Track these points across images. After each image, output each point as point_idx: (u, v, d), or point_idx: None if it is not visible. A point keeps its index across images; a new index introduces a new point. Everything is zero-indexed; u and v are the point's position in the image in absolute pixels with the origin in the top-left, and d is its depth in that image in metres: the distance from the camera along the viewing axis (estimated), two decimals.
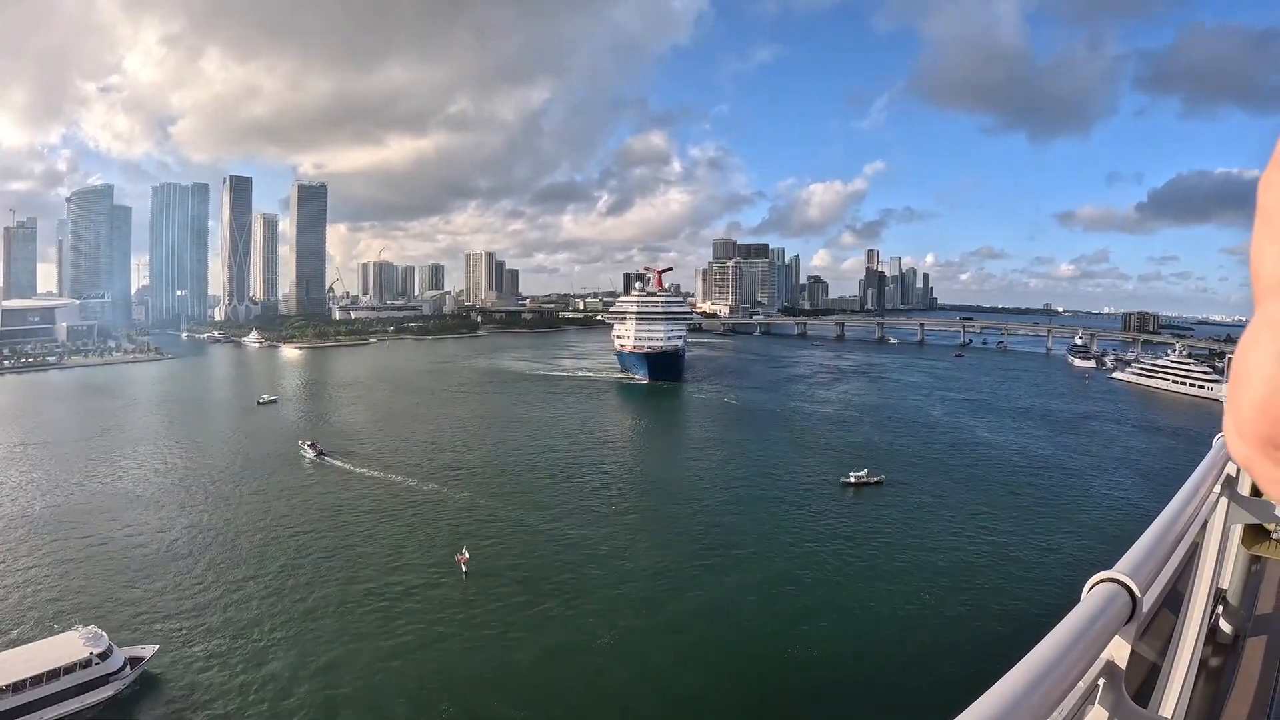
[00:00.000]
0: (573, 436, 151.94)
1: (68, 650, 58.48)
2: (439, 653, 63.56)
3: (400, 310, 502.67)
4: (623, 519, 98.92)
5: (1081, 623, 3.03)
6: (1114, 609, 3.23)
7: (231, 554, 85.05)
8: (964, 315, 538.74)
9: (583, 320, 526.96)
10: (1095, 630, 3.07)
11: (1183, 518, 4.71)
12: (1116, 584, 3.34)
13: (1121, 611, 3.26)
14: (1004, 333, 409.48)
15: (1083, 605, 3.22)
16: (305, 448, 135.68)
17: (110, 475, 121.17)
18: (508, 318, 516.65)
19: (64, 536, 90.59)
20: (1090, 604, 3.22)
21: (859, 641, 66.69)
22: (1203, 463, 6.09)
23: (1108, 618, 3.18)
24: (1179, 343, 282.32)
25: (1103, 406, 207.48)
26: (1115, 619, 3.23)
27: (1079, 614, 3.12)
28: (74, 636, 60.28)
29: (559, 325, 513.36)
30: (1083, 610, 3.16)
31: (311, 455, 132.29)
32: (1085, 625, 3.02)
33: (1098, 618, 3.12)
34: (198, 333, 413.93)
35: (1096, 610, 3.17)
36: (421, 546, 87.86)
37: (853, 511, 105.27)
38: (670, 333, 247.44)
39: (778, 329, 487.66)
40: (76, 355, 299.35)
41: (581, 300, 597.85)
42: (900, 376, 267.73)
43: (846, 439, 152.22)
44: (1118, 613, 3.25)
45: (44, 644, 60.69)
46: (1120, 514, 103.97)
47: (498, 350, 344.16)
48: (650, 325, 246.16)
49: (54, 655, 58.06)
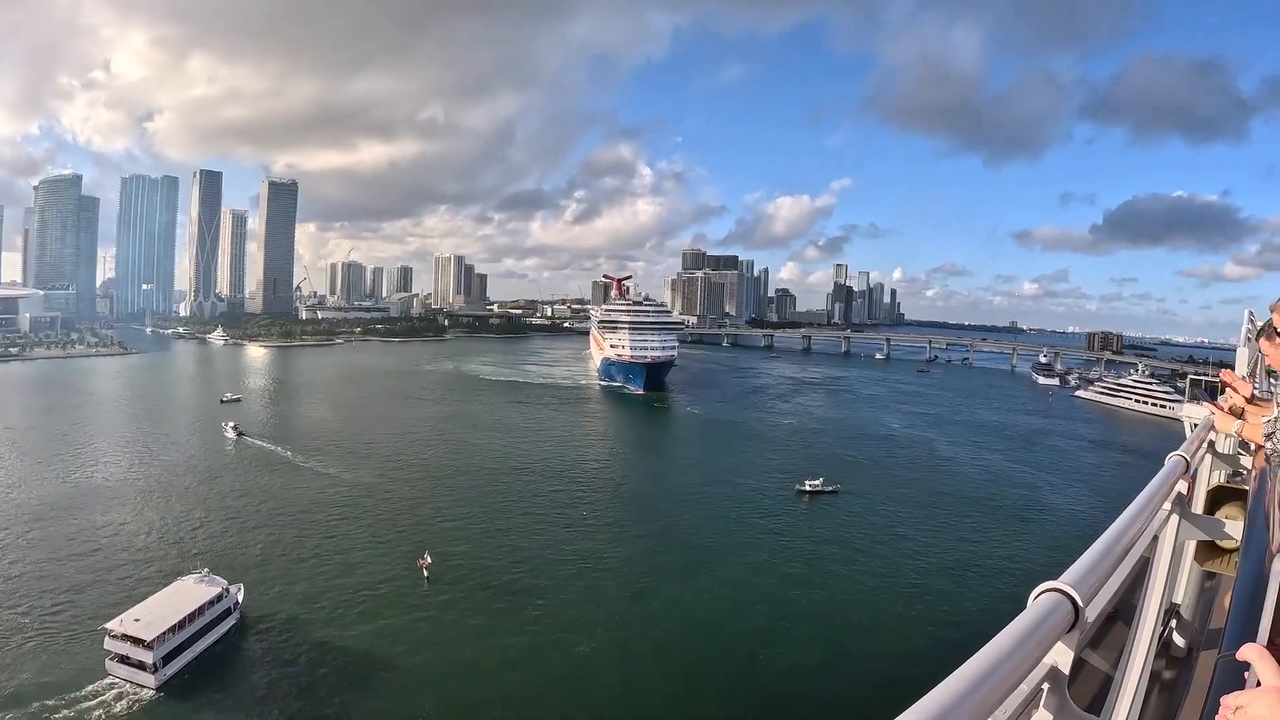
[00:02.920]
0: (539, 443, 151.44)
1: (202, 590, 66.56)
2: (400, 652, 63.69)
3: (368, 311, 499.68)
4: (588, 525, 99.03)
5: (1025, 629, 3.17)
6: (1056, 617, 3.37)
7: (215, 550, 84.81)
8: (930, 331, 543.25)
9: (550, 327, 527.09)
10: (1038, 636, 3.21)
11: (1130, 532, 4.81)
12: (1059, 594, 3.49)
13: (1064, 620, 3.40)
14: (970, 349, 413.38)
15: (1027, 613, 3.36)
16: (228, 429, 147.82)
17: (76, 471, 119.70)
18: (475, 322, 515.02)
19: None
20: (1034, 612, 3.37)
21: (814, 645, 67.24)
22: (1154, 480, 6.15)
23: (1050, 625, 3.32)
24: (1142, 362, 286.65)
25: (1064, 424, 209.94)
26: (1057, 626, 3.37)
27: (1022, 620, 3.26)
28: (193, 580, 68.93)
29: (526, 332, 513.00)
30: (1027, 617, 3.29)
31: (233, 437, 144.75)
32: (1028, 631, 3.16)
33: (1040, 624, 3.27)
34: (163, 328, 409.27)
35: (1040, 617, 3.31)
36: (383, 547, 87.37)
37: (807, 519, 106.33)
38: (664, 343, 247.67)
39: (745, 340, 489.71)
40: (39, 347, 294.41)
41: (550, 307, 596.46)
42: (865, 390, 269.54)
43: (806, 449, 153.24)
44: (1060, 621, 3.38)
45: (180, 585, 68.29)
46: (1073, 527, 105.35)
47: (464, 355, 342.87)
48: (644, 335, 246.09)
49: (196, 593, 65.90)
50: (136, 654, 58.20)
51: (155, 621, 60.42)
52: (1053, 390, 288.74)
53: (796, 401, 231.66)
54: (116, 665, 58.54)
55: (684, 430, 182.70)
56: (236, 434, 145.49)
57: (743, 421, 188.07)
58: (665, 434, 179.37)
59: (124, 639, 58.78)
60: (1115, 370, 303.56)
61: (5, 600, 71.01)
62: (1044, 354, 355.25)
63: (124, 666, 58.33)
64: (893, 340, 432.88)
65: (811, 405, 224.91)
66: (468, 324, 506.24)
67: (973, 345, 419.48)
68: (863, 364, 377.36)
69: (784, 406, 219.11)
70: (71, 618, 67.63)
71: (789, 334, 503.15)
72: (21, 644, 62.57)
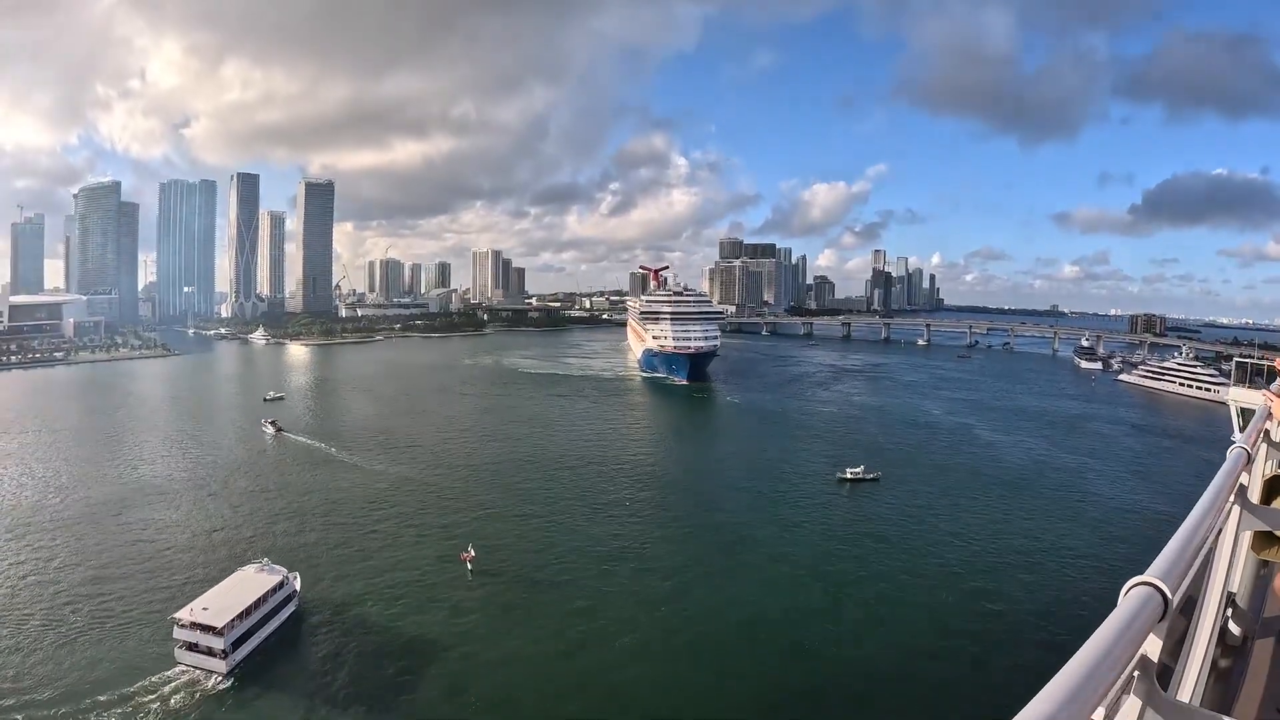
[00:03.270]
0: (579, 435, 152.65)
1: (264, 578, 69.37)
2: (447, 644, 64.85)
3: (407, 308, 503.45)
4: (629, 515, 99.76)
5: (1122, 622, 3.33)
6: (1149, 609, 3.53)
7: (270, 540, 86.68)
8: (970, 316, 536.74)
9: (589, 319, 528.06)
10: (1135, 628, 3.36)
11: (1204, 525, 4.94)
12: (1151, 587, 3.66)
13: (1155, 612, 3.57)
14: (1010, 334, 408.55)
15: (1122, 607, 3.53)
16: (267, 426, 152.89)
17: (129, 469, 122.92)
18: (514, 316, 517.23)
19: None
20: (1128, 606, 3.53)
21: (864, 637, 67.45)
22: (1219, 472, 6.28)
23: (1144, 618, 3.48)
24: (1186, 345, 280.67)
25: (1107, 409, 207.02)
26: (1149, 618, 3.53)
27: (1119, 614, 3.42)
28: (253, 569, 71.58)
29: (565, 324, 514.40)
30: (1123, 611, 3.47)
31: (271, 432, 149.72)
32: (1126, 624, 3.32)
33: (1136, 617, 3.43)
34: (204, 329, 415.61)
35: (1135, 610, 3.48)
36: (427, 541, 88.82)
37: (849, 507, 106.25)
38: (707, 333, 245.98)
39: (784, 329, 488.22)
40: (84, 351, 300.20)
41: (588, 299, 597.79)
42: (905, 376, 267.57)
43: (847, 436, 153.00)
44: (1152, 612, 3.55)
45: (242, 574, 71.04)
46: (1120, 515, 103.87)
47: (504, 348, 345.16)
48: (687, 326, 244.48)
49: (259, 581, 68.62)
50: (206, 641, 60.23)
51: (223, 609, 62.50)
52: (1095, 374, 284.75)
53: (836, 389, 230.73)
54: (186, 653, 60.56)
55: (724, 420, 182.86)
56: (275, 429, 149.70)
57: (783, 410, 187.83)
58: (706, 424, 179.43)
59: (193, 627, 60.83)
60: (1159, 353, 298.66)
61: (75, 594, 73.70)
62: (1086, 338, 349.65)
63: (193, 654, 60.38)
64: (932, 326, 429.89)
65: (852, 393, 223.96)
66: (506, 318, 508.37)
67: (1013, 330, 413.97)
68: (903, 350, 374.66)
69: (824, 394, 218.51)
70: (140, 610, 70.32)
71: (828, 321, 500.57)
72: (96, 637, 65.15)
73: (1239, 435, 7.95)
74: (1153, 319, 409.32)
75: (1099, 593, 72.23)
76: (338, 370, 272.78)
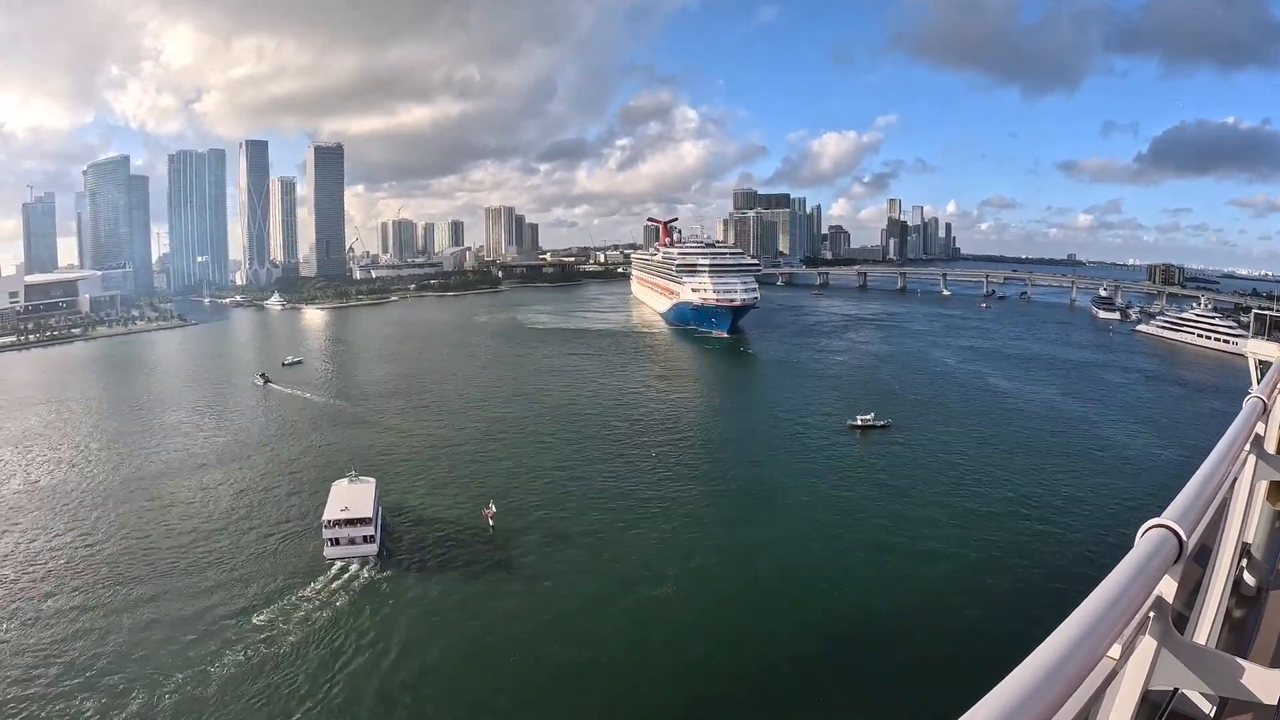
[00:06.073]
0: (598, 390, 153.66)
1: (362, 486, 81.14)
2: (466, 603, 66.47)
3: (421, 268, 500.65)
4: (648, 466, 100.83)
5: (1139, 562, 3.35)
6: (1165, 551, 3.56)
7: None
8: (987, 265, 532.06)
9: (603, 273, 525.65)
10: (1151, 568, 3.39)
11: (1220, 470, 4.97)
12: (1166, 529, 3.68)
13: (1170, 553, 3.59)
14: (1028, 283, 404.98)
15: (1138, 548, 3.55)
16: (257, 379, 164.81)
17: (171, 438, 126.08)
18: (528, 272, 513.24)
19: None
20: (1144, 547, 3.56)
21: (879, 580, 68.70)
22: (1235, 421, 6.40)
23: (1160, 559, 3.50)
24: (1204, 296, 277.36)
25: (1124, 358, 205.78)
26: (1165, 559, 3.56)
27: (1136, 555, 3.44)
28: (345, 481, 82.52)
29: (579, 279, 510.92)
30: (1139, 552, 3.49)
31: (260, 384, 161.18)
32: (1141, 565, 3.34)
33: (1152, 558, 3.45)
34: (220, 298, 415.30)
35: (1151, 551, 3.50)
36: (448, 498, 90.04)
37: (861, 453, 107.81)
38: (746, 285, 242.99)
39: (800, 279, 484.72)
40: (101, 326, 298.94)
41: (602, 253, 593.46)
42: (919, 326, 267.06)
43: (863, 384, 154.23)
44: (1168, 553, 3.57)
45: (338, 485, 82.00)
46: (1134, 463, 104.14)
47: (520, 305, 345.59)
48: (727, 278, 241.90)
49: (361, 489, 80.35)
50: (360, 531, 72.72)
51: (360, 506, 75.27)
52: (1113, 325, 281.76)
53: (850, 338, 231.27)
54: (334, 549, 72.14)
55: (741, 370, 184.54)
56: (264, 381, 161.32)
57: (799, 361, 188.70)
58: (727, 375, 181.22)
59: (344, 524, 72.90)
60: (1177, 304, 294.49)
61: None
62: (1104, 288, 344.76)
63: (342, 547, 72.16)
64: (949, 275, 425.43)
65: (865, 342, 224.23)
66: (521, 274, 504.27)
67: (1030, 279, 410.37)
68: (920, 300, 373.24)
69: (838, 344, 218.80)
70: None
71: (844, 271, 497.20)
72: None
73: (1256, 386, 8.00)
74: (1171, 269, 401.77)
75: (1114, 539, 72.52)
76: (354, 332, 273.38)
